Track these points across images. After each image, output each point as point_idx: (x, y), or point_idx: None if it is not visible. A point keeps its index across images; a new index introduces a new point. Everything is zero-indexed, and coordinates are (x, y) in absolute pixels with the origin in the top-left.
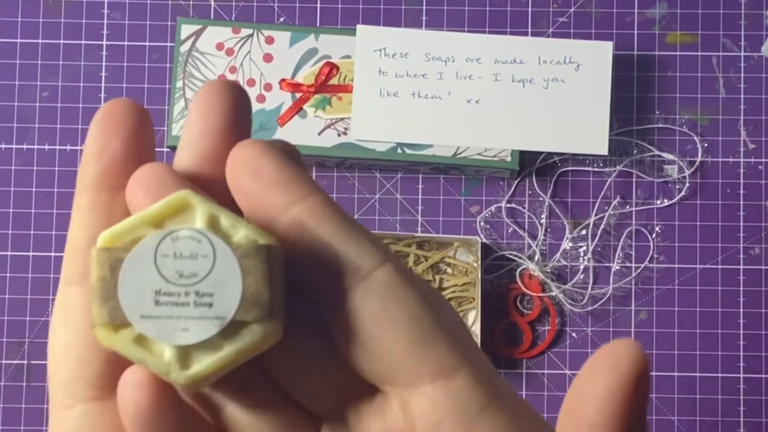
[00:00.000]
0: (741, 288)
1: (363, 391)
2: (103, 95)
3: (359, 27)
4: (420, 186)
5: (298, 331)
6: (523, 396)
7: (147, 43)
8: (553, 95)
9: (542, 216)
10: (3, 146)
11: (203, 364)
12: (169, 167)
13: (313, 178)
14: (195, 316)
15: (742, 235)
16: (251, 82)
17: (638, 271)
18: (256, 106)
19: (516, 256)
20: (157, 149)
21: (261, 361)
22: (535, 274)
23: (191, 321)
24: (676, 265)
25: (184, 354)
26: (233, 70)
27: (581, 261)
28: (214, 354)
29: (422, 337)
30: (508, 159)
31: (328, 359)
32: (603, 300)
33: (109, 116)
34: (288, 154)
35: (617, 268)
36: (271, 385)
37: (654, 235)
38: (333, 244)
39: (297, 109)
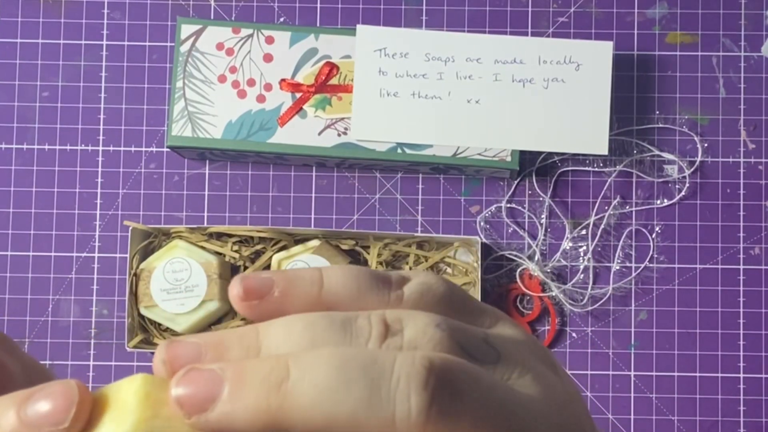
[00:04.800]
0: (741, 288)
1: None
2: (103, 95)
3: (359, 27)
4: (420, 186)
5: None
6: None
7: (147, 43)
8: (553, 95)
9: (542, 216)
10: (3, 146)
11: None
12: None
13: (313, 177)
14: None
15: (742, 235)
16: (251, 82)
17: (638, 271)
18: (256, 106)
19: (516, 256)
20: (157, 149)
21: None
22: (535, 274)
23: None
24: (676, 265)
25: None
26: (233, 70)
27: (581, 261)
28: None
29: None
30: (508, 159)
31: None
32: (603, 300)
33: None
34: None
35: (617, 268)
36: None
37: (654, 235)
38: None
39: (297, 109)
